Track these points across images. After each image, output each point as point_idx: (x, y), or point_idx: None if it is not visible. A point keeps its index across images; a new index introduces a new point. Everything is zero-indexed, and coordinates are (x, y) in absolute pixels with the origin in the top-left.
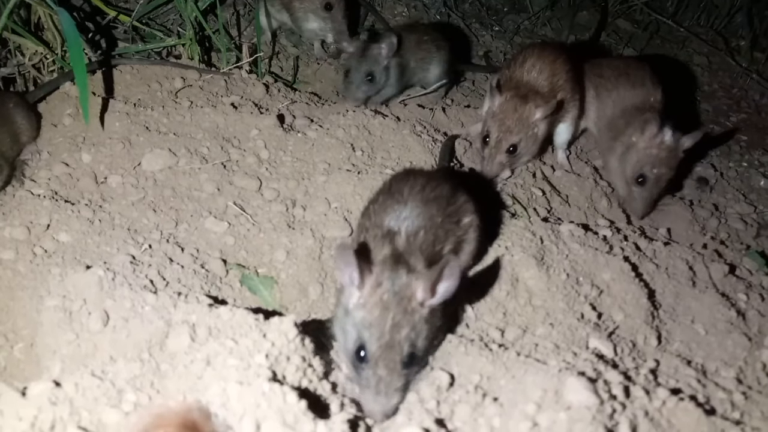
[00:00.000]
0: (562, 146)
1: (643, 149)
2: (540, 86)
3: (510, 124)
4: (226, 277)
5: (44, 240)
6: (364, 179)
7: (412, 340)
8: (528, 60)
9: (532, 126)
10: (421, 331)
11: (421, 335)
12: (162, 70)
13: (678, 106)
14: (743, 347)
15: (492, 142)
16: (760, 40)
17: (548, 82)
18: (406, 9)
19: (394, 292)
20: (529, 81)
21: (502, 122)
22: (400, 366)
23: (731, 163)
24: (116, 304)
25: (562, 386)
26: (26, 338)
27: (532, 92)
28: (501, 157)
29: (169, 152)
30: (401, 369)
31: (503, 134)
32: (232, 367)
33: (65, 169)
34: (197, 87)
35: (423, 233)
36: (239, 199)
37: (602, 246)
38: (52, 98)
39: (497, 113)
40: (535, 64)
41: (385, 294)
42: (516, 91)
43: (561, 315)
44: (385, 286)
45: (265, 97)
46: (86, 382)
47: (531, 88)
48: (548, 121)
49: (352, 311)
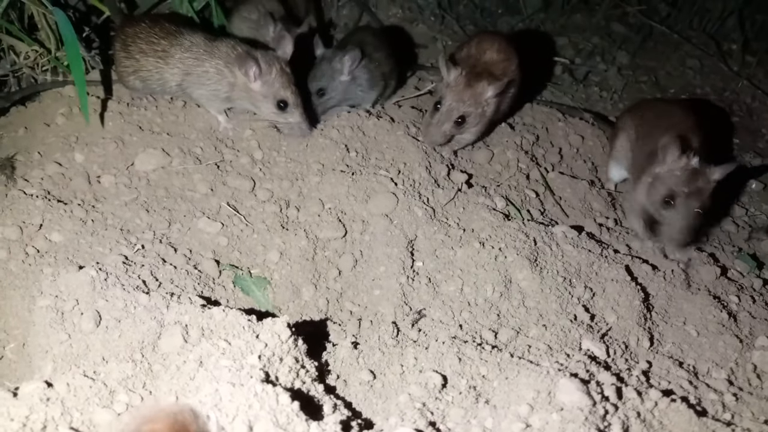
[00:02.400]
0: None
1: (667, 172)
2: (493, 68)
3: (464, 96)
4: (219, 277)
5: (37, 240)
6: (358, 180)
7: None
8: (483, 43)
9: (483, 103)
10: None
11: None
12: None
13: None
14: (734, 349)
15: (443, 108)
16: (752, 44)
17: (501, 65)
18: (401, 10)
19: None
20: (485, 61)
21: (456, 93)
22: None
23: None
24: (109, 304)
25: (555, 387)
26: (18, 338)
27: (486, 72)
28: (448, 125)
29: (162, 152)
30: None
31: (456, 103)
32: (224, 368)
33: (58, 169)
34: None
35: None
36: (233, 200)
37: (595, 248)
38: (45, 97)
39: (452, 85)
40: (491, 47)
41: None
42: (471, 69)
43: (554, 316)
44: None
45: None
46: (78, 382)
47: (484, 68)
48: (495, 102)
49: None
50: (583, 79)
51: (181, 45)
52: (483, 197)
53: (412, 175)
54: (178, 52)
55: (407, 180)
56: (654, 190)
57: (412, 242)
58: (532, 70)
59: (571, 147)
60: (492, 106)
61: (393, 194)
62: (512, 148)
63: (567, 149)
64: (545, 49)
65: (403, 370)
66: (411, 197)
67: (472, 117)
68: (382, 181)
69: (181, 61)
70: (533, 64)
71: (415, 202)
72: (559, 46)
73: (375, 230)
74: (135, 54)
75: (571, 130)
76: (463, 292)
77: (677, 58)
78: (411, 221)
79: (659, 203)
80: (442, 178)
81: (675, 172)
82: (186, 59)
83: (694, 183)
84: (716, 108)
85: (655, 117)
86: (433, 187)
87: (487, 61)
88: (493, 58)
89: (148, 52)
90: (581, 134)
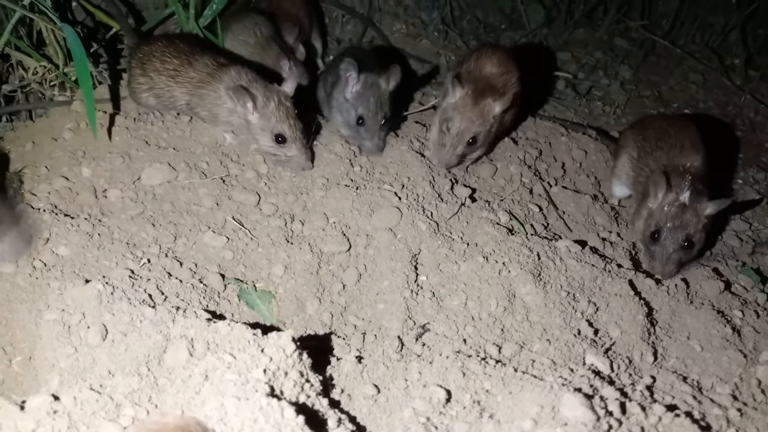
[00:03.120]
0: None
1: (658, 208)
2: (495, 82)
3: (472, 116)
4: (224, 291)
5: (43, 253)
6: (362, 194)
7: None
8: (482, 57)
9: (490, 120)
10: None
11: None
12: None
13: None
14: (739, 364)
15: (454, 131)
16: (755, 58)
17: (502, 78)
18: (405, 26)
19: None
20: (485, 75)
21: (464, 114)
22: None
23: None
24: (115, 318)
25: (559, 402)
26: (25, 351)
27: (489, 87)
28: (461, 147)
29: (168, 167)
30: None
31: (465, 125)
32: (229, 382)
33: (65, 183)
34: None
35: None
36: (238, 214)
37: (599, 262)
38: (52, 112)
39: (459, 105)
40: (490, 60)
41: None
42: (475, 85)
43: (558, 331)
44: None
45: None
46: (84, 396)
47: (486, 82)
48: (500, 117)
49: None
50: (586, 94)
51: (190, 66)
52: (486, 212)
53: (415, 189)
54: (188, 73)
55: (411, 194)
56: (645, 224)
57: (416, 256)
58: (535, 85)
59: (574, 161)
60: (497, 122)
61: (397, 208)
62: (515, 162)
63: (570, 164)
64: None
65: (407, 385)
66: (415, 211)
67: (482, 135)
68: (386, 195)
69: (188, 82)
70: (536, 78)
71: (419, 217)
72: (561, 61)
73: (379, 244)
74: (150, 72)
75: (574, 145)
76: (467, 306)
77: (680, 73)
78: (415, 235)
79: (648, 237)
80: (445, 192)
81: (664, 207)
82: (193, 80)
83: (680, 218)
84: (719, 123)
85: (655, 135)
86: (436, 201)
87: (487, 75)
88: (493, 72)
89: (161, 71)
90: (584, 149)
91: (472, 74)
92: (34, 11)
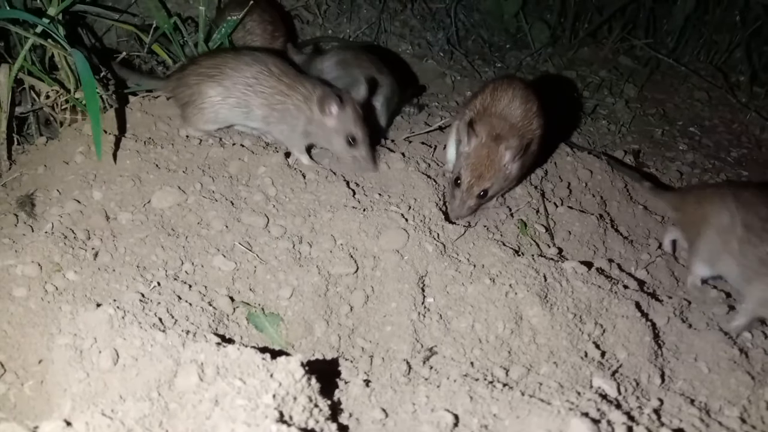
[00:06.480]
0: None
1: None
2: (514, 120)
3: (482, 170)
4: (233, 314)
5: (55, 277)
6: (369, 216)
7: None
8: (498, 90)
9: (503, 168)
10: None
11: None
12: (172, 108)
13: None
14: (747, 386)
15: (464, 186)
16: (760, 75)
17: (521, 115)
18: (410, 46)
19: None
20: (501, 113)
21: (475, 167)
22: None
23: None
24: (126, 342)
25: (566, 427)
26: (37, 376)
27: (505, 130)
28: (471, 201)
29: (178, 189)
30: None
31: (475, 180)
32: (239, 408)
33: (76, 206)
34: None
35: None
36: (246, 236)
37: (605, 283)
38: (64, 136)
39: (470, 156)
40: (506, 95)
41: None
42: (490, 130)
43: (565, 353)
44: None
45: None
46: (96, 421)
47: (505, 123)
48: (519, 161)
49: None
50: (591, 113)
51: (271, 76)
52: (493, 232)
53: (422, 210)
54: (268, 82)
55: (417, 216)
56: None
57: (423, 278)
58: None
59: (580, 181)
60: (516, 166)
61: (404, 230)
62: (521, 182)
63: (576, 183)
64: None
65: (415, 409)
66: (421, 233)
67: (493, 188)
68: (392, 217)
69: (266, 92)
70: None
71: (426, 238)
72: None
73: (386, 266)
74: (224, 81)
75: (580, 165)
76: (474, 328)
77: (685, 91)
78: (422, 257)
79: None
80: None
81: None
82: (273, 90)
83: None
84: None
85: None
86: (443, 222)
87: (503, 112)
88: (510, 109)
89: (238, 80)
90: (590, 168)
91: (488, 112)
92: (46, 38)
